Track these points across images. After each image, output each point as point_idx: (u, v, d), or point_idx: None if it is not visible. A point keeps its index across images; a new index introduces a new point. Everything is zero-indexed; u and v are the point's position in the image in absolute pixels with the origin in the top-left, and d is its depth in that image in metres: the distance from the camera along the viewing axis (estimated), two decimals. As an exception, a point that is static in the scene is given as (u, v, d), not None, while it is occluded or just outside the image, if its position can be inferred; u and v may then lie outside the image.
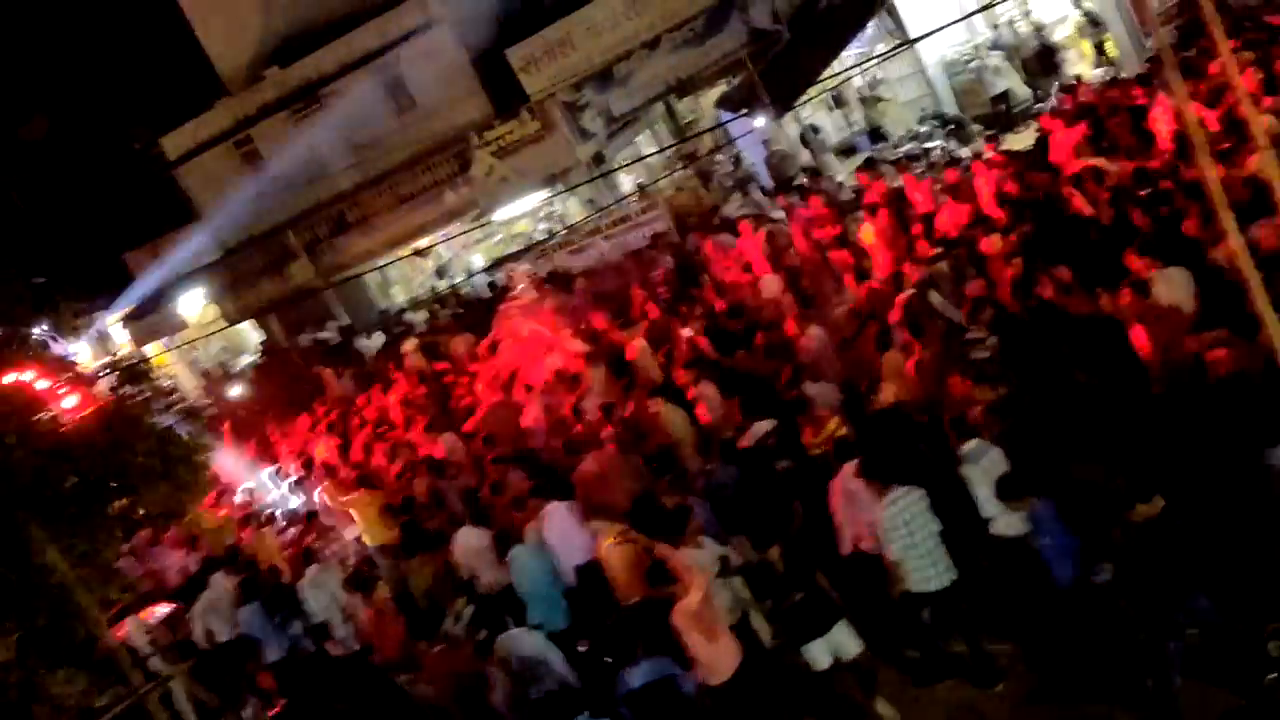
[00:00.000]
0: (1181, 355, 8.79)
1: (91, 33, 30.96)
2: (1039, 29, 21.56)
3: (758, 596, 9.21)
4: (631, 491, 11.01)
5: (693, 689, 8.24)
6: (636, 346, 14.45)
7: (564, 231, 23.14)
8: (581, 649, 9.79)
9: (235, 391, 25.13)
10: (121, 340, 31.03)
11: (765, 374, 12.17)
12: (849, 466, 8.96)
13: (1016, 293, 10.98)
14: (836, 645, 8.31)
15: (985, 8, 18.79)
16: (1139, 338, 9.22)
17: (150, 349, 29.67)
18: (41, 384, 12.23)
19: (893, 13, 22.30)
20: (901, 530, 8.27)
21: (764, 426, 10.53)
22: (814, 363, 11.96)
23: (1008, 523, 8.27)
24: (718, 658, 8.22)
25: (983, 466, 8.43)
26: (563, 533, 10.98)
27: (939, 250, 12.82)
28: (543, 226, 27.70)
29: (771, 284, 14.78)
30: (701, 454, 11.83)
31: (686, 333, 14.06)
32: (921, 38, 18.14)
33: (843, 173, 22.83)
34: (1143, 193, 11.42)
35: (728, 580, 9.08)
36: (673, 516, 9.03)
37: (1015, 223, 12.38)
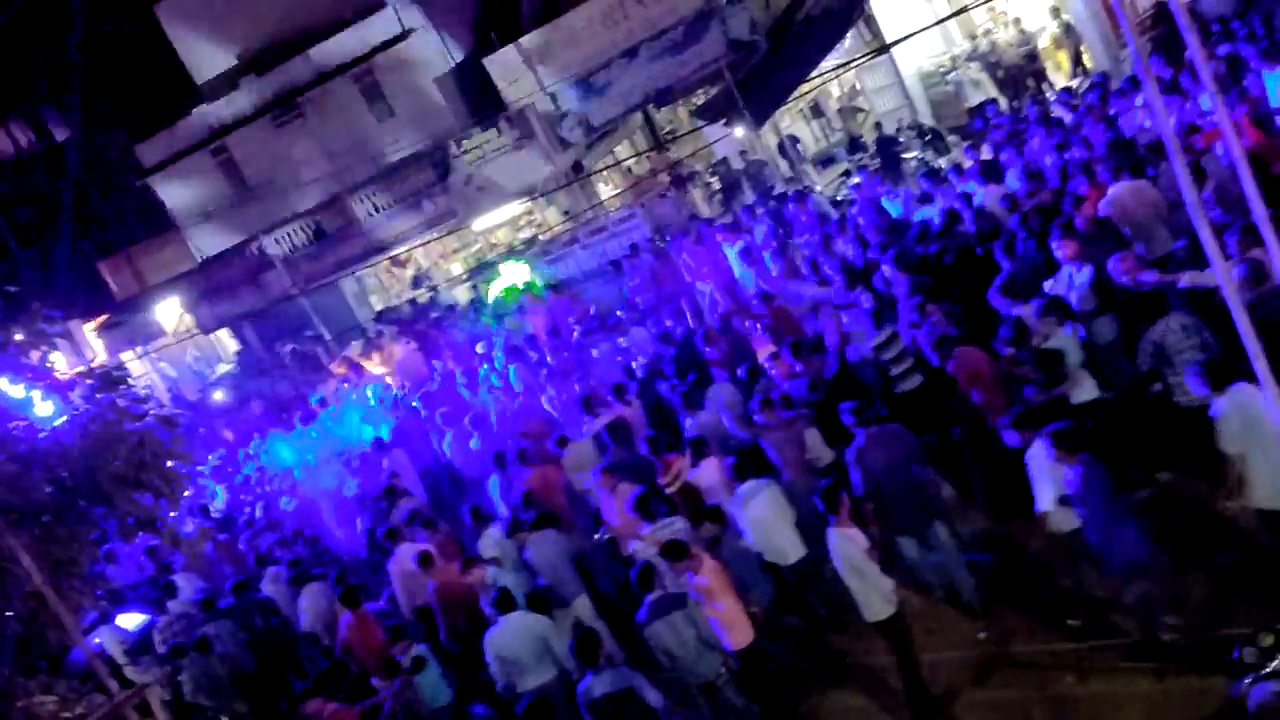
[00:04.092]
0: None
1: (68, 41, 30.79)
2: (1021, 40, 21.66)
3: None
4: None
5: (659, 700, 8.27)
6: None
7: (542, 241, 23.15)
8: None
9: (214, 399, 24.96)
10: (98, 348, 30.81)
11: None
12: None
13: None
14: None
15: (959, 12, 18.86)
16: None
17: (126, 356, 29.48)
18: (16, 391, 12.09)
19: (871, 23, 22.42)
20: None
21: None
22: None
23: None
24: (740, 621, 8.82)
25: (754, 506, 9.38)
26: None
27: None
28: (523, 235, 27.66)
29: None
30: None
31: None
32: (895, 43, 18.22)
33: (820, 183, 22.94)
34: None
35: None
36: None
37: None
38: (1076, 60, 20.99)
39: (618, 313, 17.09)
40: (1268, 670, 7.02)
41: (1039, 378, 9.46)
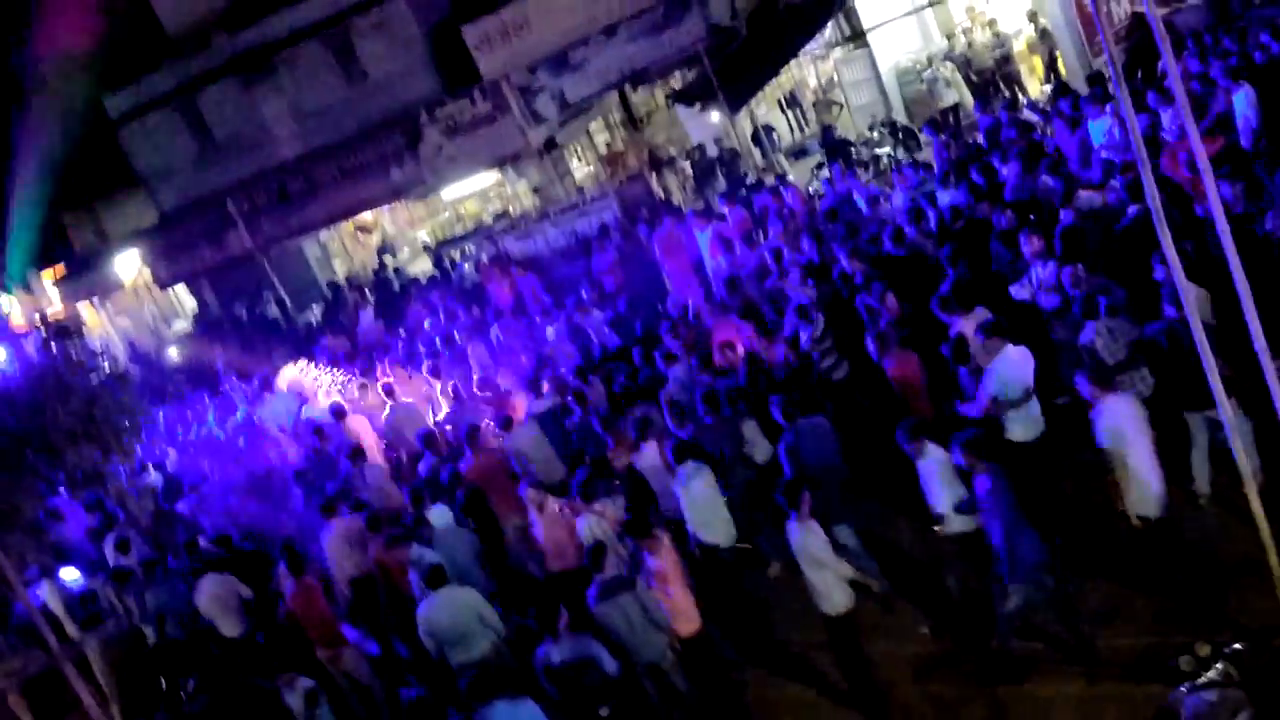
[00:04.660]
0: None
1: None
2: (996, 42, 21.73)
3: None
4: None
5: (615, 668, 8.31)
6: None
7: (509, 215, 22.96)
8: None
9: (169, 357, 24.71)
10: (54, 298, 30.45)
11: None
12: None
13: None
14: None
15: (934, 3, 18.92)
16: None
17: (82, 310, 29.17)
18: (-34, 339, 11.94)
19: (852, 17, 22.44)
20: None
21: None
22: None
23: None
24: (689, 608, 8.97)
25: (692, 488, 9.71)
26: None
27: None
28: (492, 208, 27.52)
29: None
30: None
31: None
32: (867, 31, 18.30)
33: (793, 174, 22.96)
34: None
35: None
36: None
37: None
38: (1050, 66, 21.11)
39: (582, 293, 17.04)
40: (1203, 680, 7.15)
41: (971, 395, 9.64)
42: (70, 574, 13.84)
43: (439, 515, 11.26)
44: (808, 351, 11.48)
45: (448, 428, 14.06)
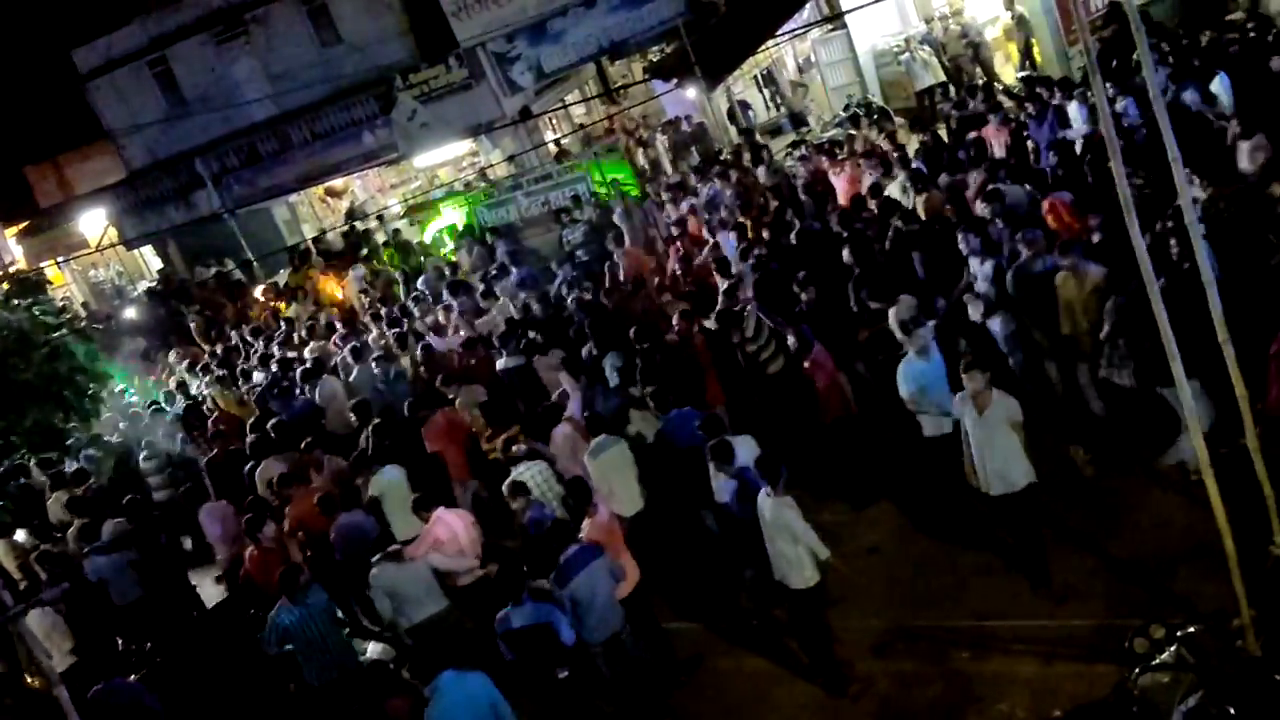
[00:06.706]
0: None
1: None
2: (973, 28, 21.78)
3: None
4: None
5: (571, 638, 8.32)
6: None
7: (484, 184, 22.77)
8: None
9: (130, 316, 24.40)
10: (17, 255, 30.04)
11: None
12: None
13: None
14: None
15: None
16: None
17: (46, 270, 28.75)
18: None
19: (829, -4, 22.42)
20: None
21: None
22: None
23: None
24: (627, 570, 9.07)
25: (604, 459, 10.04)
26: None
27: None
28: (466, 177, 27.30)
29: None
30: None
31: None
32: (844, 14, 18.26)
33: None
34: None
35: None
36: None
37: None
38: (1026, 53, 21.16)
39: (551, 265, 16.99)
40: (1156, 661, 7.22)
41: None
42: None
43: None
44: (748, 341, 11.45)
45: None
